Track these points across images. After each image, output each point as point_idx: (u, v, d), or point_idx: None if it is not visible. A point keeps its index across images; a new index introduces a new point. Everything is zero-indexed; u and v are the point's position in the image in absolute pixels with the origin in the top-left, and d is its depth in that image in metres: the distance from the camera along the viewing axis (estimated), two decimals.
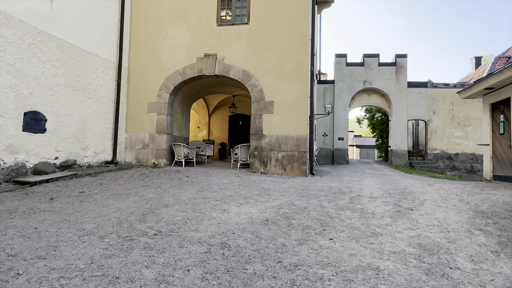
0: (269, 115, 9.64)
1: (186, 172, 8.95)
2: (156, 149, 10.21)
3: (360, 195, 6.18)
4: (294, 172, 9.32)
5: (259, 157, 9.62)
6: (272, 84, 9.70)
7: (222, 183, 7.33)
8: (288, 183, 7.70)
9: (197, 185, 6.87)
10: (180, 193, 5.99)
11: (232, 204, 5.23)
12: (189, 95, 12.02)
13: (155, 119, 10.28)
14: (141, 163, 10.25)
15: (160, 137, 10.23)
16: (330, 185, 7.55)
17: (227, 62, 9.98)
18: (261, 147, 9.62)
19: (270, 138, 9.57)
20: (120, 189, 6.29)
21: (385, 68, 17.08)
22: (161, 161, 10.17)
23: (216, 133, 17.99)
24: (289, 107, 9.53)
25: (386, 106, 17.67)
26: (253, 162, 9.67)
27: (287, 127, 9.49)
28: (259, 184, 7.31)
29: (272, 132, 9.58)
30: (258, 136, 9.68)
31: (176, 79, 10.27)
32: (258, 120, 9.73)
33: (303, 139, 9.35)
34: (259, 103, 9.74)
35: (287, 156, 9.41)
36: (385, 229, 4.08)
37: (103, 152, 9.36)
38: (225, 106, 17.25)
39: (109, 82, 9.55)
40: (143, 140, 10.30)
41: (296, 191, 6.56)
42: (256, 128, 9.72)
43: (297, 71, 9.55)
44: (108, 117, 9.53)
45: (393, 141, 17.08)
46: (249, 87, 9.85)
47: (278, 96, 9.63)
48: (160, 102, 10.30)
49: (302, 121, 9.45)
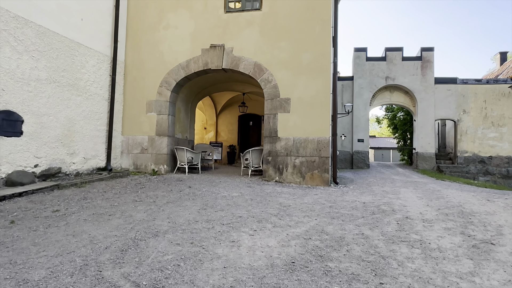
0: (285, 115, 8.32)
1: (189, 181, 7.71)
2: (156, 154, 9.00)
3: (407, 216, 4.80)
4: (314, 181, 7.98)
5: (273, 163, 8.31)
6: (288, 78, 8.38)
7: (230, 196, 6.05)
8: (311, 196, 6.36)
9: (200, 200, 5.60)
10: (177, 213, 4.73)
11: (243, 232, 3.95)
12: (194, 93, 10.78)
13: (155, 119, 9.07)
14: (139, 169, 9.05)
15: (160, 140, 9.01)
16: (363, 199, 6.18)
17: (236, 54, 8.70)
18: (275, 151, 8.31)
19: (286, 141, 8.25)
20: (105, 206, 5.07)
21: (410, 63, 15.55)
22: (161, 167, 8.95)
23: (224, 135, 16.68)
24: (308, 105, 8.19)
25: (410, 105, 16.12)
26: (267, 169, 8.37)
27: (306, 128, 8.16)
28: (276, 198, 6.01)
29: (288, 134, 8.26)
30: (272, 139, 8.37)
31: (178, 74, 9.04)
32: (272, 121, 8.42)
33: (324, 143, 8.00)
34: (274, 101, 8.43)
35: (306, 162, 8.07)
36: (473, 284, 2.72)
37: (95, 157, 8.18)
38: (234, 105, 15.93)
39: (102, 78, 8.37)
40: (141, 143, 9.10)
41: (323, 209, 5.22)
42: (270, 129, 8.41)
43: (318, 63, 8.20)
44: (101, 117, 8.36)
45: (419, 143, 15.52)
46: (261, 82, 8.55)
47: (295, 93, 8.30)
48: (161, 100, 9.08)
49: (324, 121, 8.10)
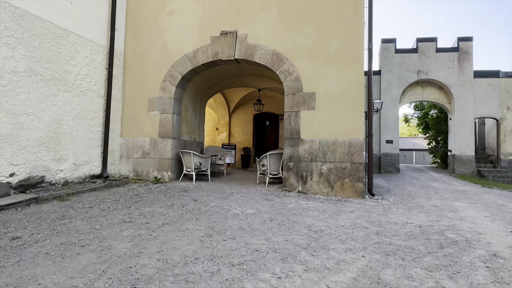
0: (309, 112, 6.98)
1: (195, 192, 6.48)
2: (159, 159, 7.82)
3: (494, 253, 3.38)
4: (345, 191, 6.61)
5: (295, 170, 6.98)
6: (313, 69, 7.04)
7: (244, 214, 4.78)
8: (345, 214, 5.00)
9: (206, 221, 4.35)
10: (173, 242, 3.48)
11: (262, 279, 2.66)
12: (203, 89, 9.57)
13: (158, 119, 7.90)
14: (139, 176, 7.89)
15: (164, 142, 7.83)
16: (415, 220, 4.77)
17: (250, 41, 7.43)
18: (298, 156, 6.98)
19: (310, 144, 6.91)
20: (83, 230, 3.88)
21: (445, 54, 13.87)
22: (165, 174, 7.76)
23: (238, 136, 15.41)
24: (337, 100, 6.83)
25: (445, 101, 14.42)
26: (287, 176, 7.04)
27: (335, 128, 6.79)
28: (302, 218, 4.69)
29: (313, 136, 6.91)
30: (294, 141, 7.05)
31: (184, 66, 7.84)
32: (293, 120, 7.09)
33: (358, 146, 6.62)
34: (295, 96, 7.10)
35: (335, 169, 6.71)
36: None
37: (88, 163, 7.08)
38: (249, 103, 14.60)
39: (96, 71, 7.26)
40: (142, 146, 7.95)
41: (369, 236, 3.86)
42: (291, 130, 7.09)
43: (349, 50, 6.83)
44: (95, 117, 7.25)
45: (456, 144, 13.82)
46: (280, 74, 7.24)
47: (321, 86, 6.95)
48: (164, 97, 7.90)
49: (357, 120, 6.72)
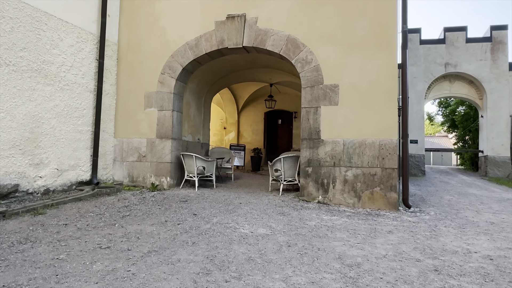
0: (331, 108, 5.89)
1: (197, 203, 5.47)
2: (157, 162, 6.84)
3: None
4: (375, 203, 5.51)
5: (314, 177, 5.91)
6: (335, 57, 5.95)
7: (254, 236, 3.74)
8: (384, 237, 3.90)
9: (204, 247, 3.31)
10: (157, 285, 2.45)
11: None
12: (208, 83, 8.56)
13: (155, 117, 6.92)
14: (135, 182, 6.94)
15: (162, 144, 6.85)
16: (475, 245, 3.63)
17: (261, 26, 6.38)
18: (318, 160, 5.90)
19: (333, 146, 5.83)
20: (43, 261, 2.89)
21: (476, 45, 12.51)
22: (163, 180, 6.78)
23: (247, 136, 14.34)
24: (364, 93, 5.73)
25: (475, 97, 13.08)
26: (305, 184, 5.97)
27: (363, 127, 5.70)
28: (328, 242, 3.62)
29: (336, 136, 5.83)
30: (312, 143, 5.97)
31: (185, 56, 6.84)
32: (312, 117, 6.01)
33: (390, 148, 5.51)
34: (315, 89, 6.02)
35: (363, 176, 5.61)
36: None
37: (75, 168, 6.15)
38: (260, 100, 13.49)
39: (84, 62, 6.33)
40: (138, 148, 6.99)
41: (424, 274, 2.75)
42: (310, 129, 6.01)
43: (378, 34, 5.71)
44: (83, 114, 6.32)
45: (488, 144, 12.47)
46: (297, 63, 6.17)
47: (345, 77, 5.86)
48: (163, 91, 6.92)
49: (388, 117, 5.61)
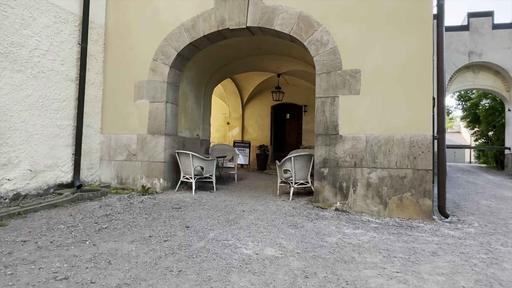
0: (352, 98, 4.95)
1: (192, 210, 4.60)
2: (148, 162, 5.99)
3: None
4: (405, 211, 4.58)
5: (331, 179, 4.99)
6: (356, 37, 5.00)
7: (260, 259, 2.85)
8: (429, 262, 2.97)
9: (194, 278, 2.42)
10: None
11: None
12: (208, 72, 7.65)
13: (147, 109, 6.06)
14: (124, 184, 6.10)
15: (155, 140, 5.98)
16: None
17: (268, 2, 5.44)
18: (335, 159, 4.98)
19: (353, 143, 4.89)
20: None
21: (503, 32, 11.36)
22: (156, 182, 5.92)
23: (253, 131, 13.38)
24: (392, 80, 4.78)
25: (502, 89, 11.95)
26: (320, 188, 5.06)
27: (390, 120, 4.75)
28: (357, 271, 2.71)
29: (357, 131, 4.89)
30: (329, 139, 5.05)
31: (180, 39, 5.95)
32: (329, 108, 5.08)
33: (423, 145, 4.56)
34: (332, 76, 5.08)
35: (390, 179, 4.67)
36: None
37: (53, 168, 5.33)
38: (266, 92, 12.46)
39: (64, 47, 5.48)
40: (127, 146, 6.13)
41: None
42: (326, 123, 5.08)
43: (409, 9, 4.74)
44: (62, 107, 5.48)
45: None
46: (310, 45, 5.23)
47: (368, 61, 4.91)
48: (155, 80, 6.04)
49: (421, 108, 4.65)
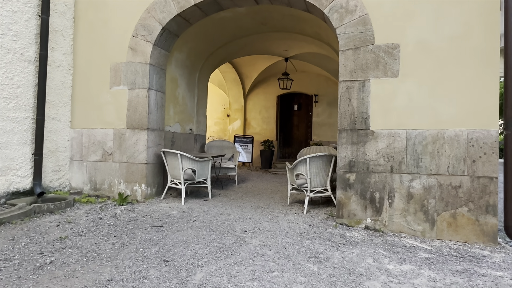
0: (388, 82, 3.76)
1: (177, 231, 3.46)
2: (127, 163, 4.84)
3: None
4: (459, 231, 3.43)
5: (360, 188, 3.83)
6: (394, 2, 3.79)
7: None
8: None
9: None
10: None
11: None
12: (203, 54, 6.44)
13: (125, 98, 4.90)
14: (99, 191, 4.97)
15: (135, 136, 4.83)
16: None
17: None
18: (365, 162, 3.81)
19: (390, 141, 3.72)
20: None
21: None
22: (136, 188, 4.79)
23: (256, 124, 12.14)
24: (443, 57, 3.59)
25: None
26: (345, 198, 3.90)
27: (439, 111, 3.57)
28: None
29: (395, 125, 3.71)
30: (357, 136, 3.87)
31: (166, 9, 4.75)
32: (356, 96, 3.90)
33: (487, 144, 3.40)
34: (360, 53, 3.88)
35: (440, 189, 3.52)
36: None
37: (6, 172, 4.20)
38: (271, 80, 11.20)
39: (16, 18, 4.30)
40: (102, 143, 4.99)
41: None
42: (352, 115, 3.91)
43: None
44: (16, 94, 4.33)
45: None
46: (332, 14, 4.03)
47: (410, 32, 3.70)
48: (135, 62, 4.87)
49: (484, 94, 3.47)
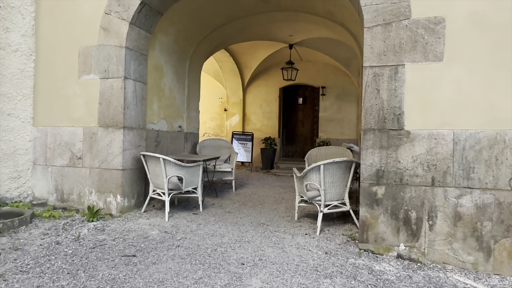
0: (429, 67, 2.89)
1: (153, 263, 2.60)
2: (100, 169, 3.99)
3: None
4: None
5: (390, 205, 2.99)
6: None
7: None
8: None
9: None
10: None
11: None
12: (194, 37, 5.53)
13: (97, 89, 4.03)
14: (66, 202, 4.13)
15: (109, 137, 3.97)
16: None
17: None
18: (398, 172, 2.96)
19: (431, 144, 2.87)
20: None
21: None
22: (110, 200, 3.94)
23: (256, 120, 11.20)
24: (503, 35, 2.72)
25: None
26: (371, 218, 3.06)
27: (499, 105, 2.71)
28: None
29: (438, 124, 2.85)
30: (387, 138, 3.01)
31: None
32: (387, 85, 3.03)
33: None
34: (392, 30, 3.00)
35: (499, 208, 2.68)
36: None
37: None
38: (273, 70, 10.22)
39: None
40: (70, 144, 4.13)
41: None
42: (381, 110, 3.04)
43: None
44: None
45: None
46: None
47: (458, 3, 2.81)
48: (108, 45, 3.98)
49: None
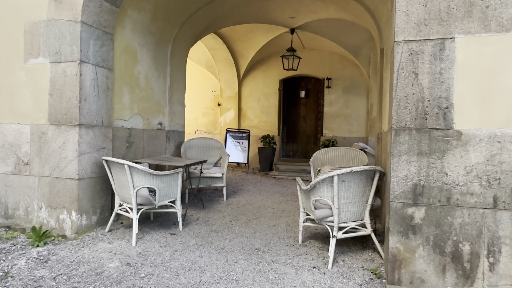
0: (487, 41, 2.05)
1: None
2: (51, 178, 3.17)
3: None
4: None
5: (433, 233, 2.16)
6: None
7: None
8: None
9: None
10: None
11: None
12: (176, 16, 4.60)
13: (47, 77, 3.20)
14: (11, 219, 3.30)
15: (62, 137, 3.14)
16: None
17: None
18: (444, 187, 2.13)
19: (492, 150, 2.04)
20: None
21: None
22: (64, 217, 3.12)
23: (254, 116, 10.26)
24: None
25: None
26: (406, 251, 2.23)
27: None
28: None
29: (501, 123, 2.00)
30: (428, 139, 2.17)
31: None
32: (428, 68, 2.18)
33: None
34: None
35: None
36: None
37: None
38: (273, 60, 9.22)
39: None
40: (15, 145, 3.30)
41: None
42: (420, 101, 2.20)
43: None
44: None
45: None
46: None
47: None
48: (60, 20, 3.13)
49: None
